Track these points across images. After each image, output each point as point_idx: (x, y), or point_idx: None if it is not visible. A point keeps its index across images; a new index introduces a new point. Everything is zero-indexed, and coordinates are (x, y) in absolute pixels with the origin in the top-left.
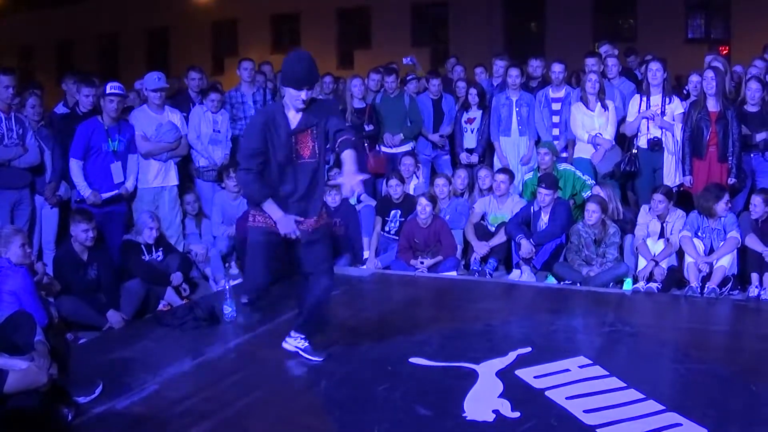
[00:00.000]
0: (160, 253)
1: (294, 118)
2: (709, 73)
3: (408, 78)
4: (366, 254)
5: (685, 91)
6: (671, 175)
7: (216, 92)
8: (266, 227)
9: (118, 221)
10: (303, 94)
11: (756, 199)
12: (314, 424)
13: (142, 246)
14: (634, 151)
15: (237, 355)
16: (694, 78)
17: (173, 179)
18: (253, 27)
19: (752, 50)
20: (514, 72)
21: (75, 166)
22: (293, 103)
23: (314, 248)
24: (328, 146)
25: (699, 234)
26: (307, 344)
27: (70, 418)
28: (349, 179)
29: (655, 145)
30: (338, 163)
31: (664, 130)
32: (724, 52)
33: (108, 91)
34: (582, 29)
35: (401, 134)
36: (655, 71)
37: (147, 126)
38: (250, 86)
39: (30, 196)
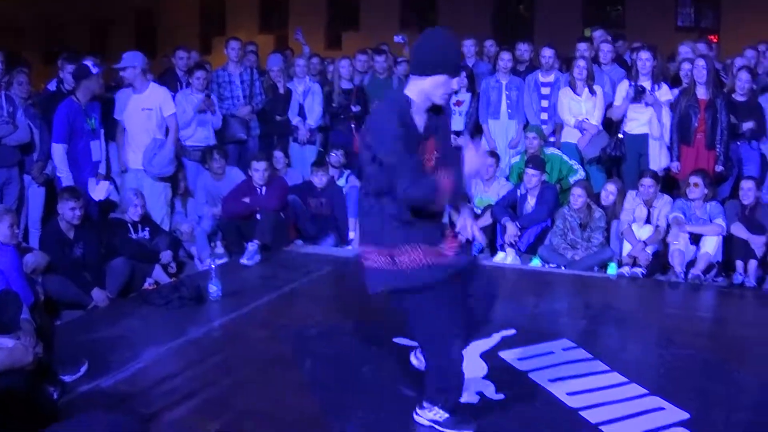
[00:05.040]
0: (146, 232)
1: (420, 119)
2: (700, 62)
3: (399, 60)
4: (351, 235)
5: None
6: (656, 159)
7: (202, 70)
8: (438, 263)
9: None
10: (455, 83)
11: (746, 184)
12: (298, 403)
13: (129, 224)
14: (620, 135)
15: (222, 334)
16: (685, 65)
17: None
18: (241, 7)
19: (741, 39)
20: (505, 56)
21: (59, 151)
22: (438, 97)
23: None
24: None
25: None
26: (444, 414)
27: (55, 396)
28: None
29: (640, 93)
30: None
31: (651, 107)
32: (714, 41)
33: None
34: (571, 15)
35: None
36: (644, 60)
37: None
38: (237, 66)
39: (19, 175)
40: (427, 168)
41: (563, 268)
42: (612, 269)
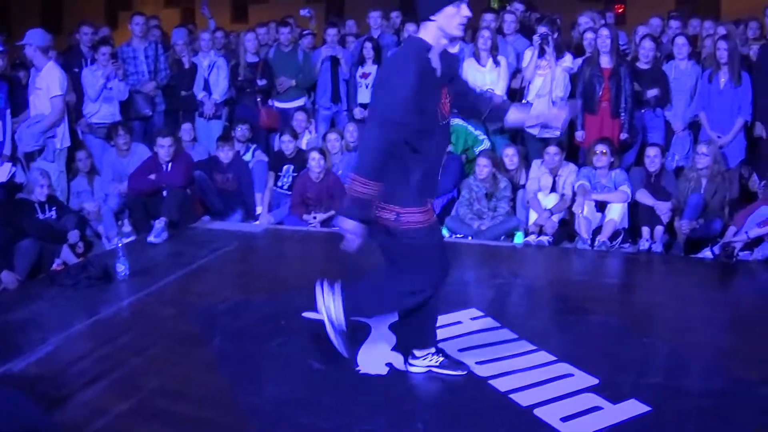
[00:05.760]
0: (53, 212)
1: (437, 62)
2: (604, 31)
3: (304, 33)
4: (259, 210)
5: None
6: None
7: (107, 46)
8: (428, 225)
9: None
10: (465, 9)
11: (651, 151)
12: (209, 379)
13: (35, 204)
14: (524, 101)
15: (130, 313)
16: (588, 35)
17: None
18: None
19: (647, 8)
20: (410, 27)
21: None
22: (452, 31)
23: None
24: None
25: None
26: (442, 358)
27: None
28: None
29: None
30: None
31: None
32: (620, 10)
33: None
34: None
35: (293, 81)
36: (545, 34)
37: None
38: (142, 41)
39: None
40: (443, 113)
41: (470, 238)
42: (519, 238)
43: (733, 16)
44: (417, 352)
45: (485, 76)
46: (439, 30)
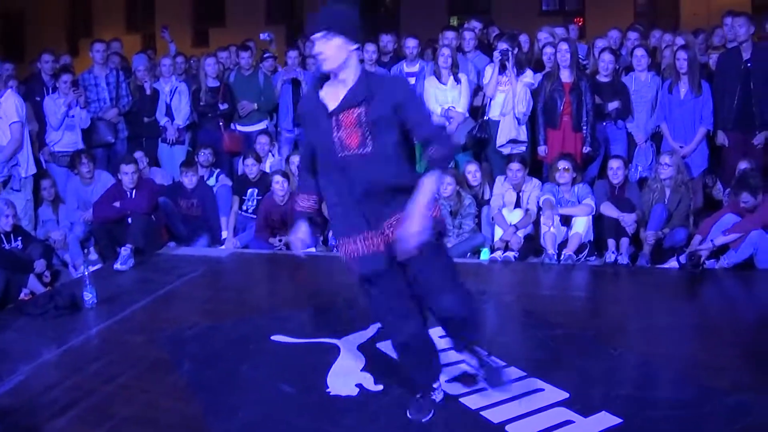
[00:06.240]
0: (19, 242)
1: (331, 92)
2: (563, 45)
3: (265, 56)
4: (224, 234)
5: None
6: (505, 132)
7: (68, 73)
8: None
9: None
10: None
11: (614, 163)
12: (179, 406)
13: (1, 234)
14: (486, 118)
15: (100, 341)
16: (548, 50)
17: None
18: (106, 8)
19: (606, 21)
20: (370, 48)
21: None
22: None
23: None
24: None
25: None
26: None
27: None
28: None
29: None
30: None
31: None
32: (579, 23)
33: None
34: (437, 3)
35: (255, 104)
36: (505, 50)
37: None
38: (103, 68)
39: None
40: (343, 144)
41: None
42: (485, 255)
43: (692, 26)
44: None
45: (446, 94)
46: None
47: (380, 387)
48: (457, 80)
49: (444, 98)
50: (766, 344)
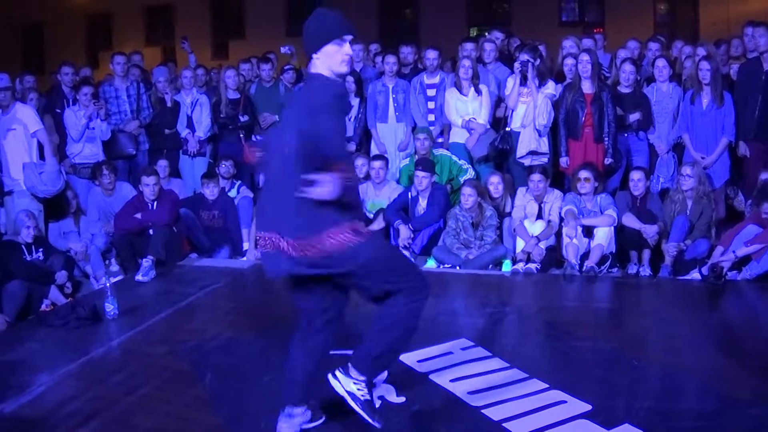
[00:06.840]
0: (40, 253)
1: None
2: (584, 56)
3: (285, 68)
4: (245, 245)
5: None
6: (525, 144)
7: (88, 86)
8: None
9: None
10: (347, 47)
11: (635, 175)
12: (201, 418)
13: (22, 246)
14: (508, 129)
15: (121, 352)
16: (568, 61)
17: None
18: (127, 20)
19: (626, 31)
20: (390, 59)
21: None
22: (336, 68)
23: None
24: None
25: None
26: (366, 395)
27: None
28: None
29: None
30: None
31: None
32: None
33: None
34: (456, 15)
35: (276, 116)
36: (525, 62)
37: None
38: (124, 80)
39: None
40: None
41: (458, 267)
42: (507, 266)
43: (712, 36)
44: (353, 373)
45: (467, 106)
46: (323, 67)
47: (402, 399)
48: (478, 91)
49: (465, 109)
50: None
